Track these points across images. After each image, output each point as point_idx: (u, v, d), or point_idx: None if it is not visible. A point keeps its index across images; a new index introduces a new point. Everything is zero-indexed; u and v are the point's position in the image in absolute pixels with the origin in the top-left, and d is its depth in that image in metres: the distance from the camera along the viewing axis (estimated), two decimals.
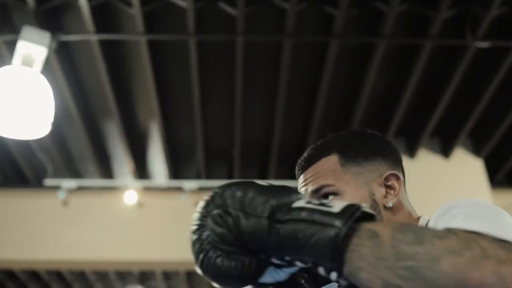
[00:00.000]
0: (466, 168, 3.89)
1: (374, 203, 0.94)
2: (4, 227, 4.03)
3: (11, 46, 2.74)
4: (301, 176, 1.01)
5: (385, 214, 0.94)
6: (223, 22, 2.83)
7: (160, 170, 4.13)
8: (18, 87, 2.47)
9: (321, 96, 3.23)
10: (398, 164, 1.02)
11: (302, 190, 0.98)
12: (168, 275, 5.93)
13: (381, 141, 1.03)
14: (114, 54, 3.05)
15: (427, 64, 3.05)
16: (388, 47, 2.95)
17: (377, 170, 0.97)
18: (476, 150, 3.92)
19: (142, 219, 4.08)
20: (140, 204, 4.10)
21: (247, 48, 2.96)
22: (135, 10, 2.69)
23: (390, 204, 0.94)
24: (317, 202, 0.61)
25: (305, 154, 1.03)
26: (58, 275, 5.75)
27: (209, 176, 4.13)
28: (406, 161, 1.03)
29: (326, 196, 0.94)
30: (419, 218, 0.97)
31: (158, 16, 2.82)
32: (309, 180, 0.98)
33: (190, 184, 4.03)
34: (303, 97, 3.39)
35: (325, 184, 0.95)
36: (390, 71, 3.19)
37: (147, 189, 4.13)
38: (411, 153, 3.82)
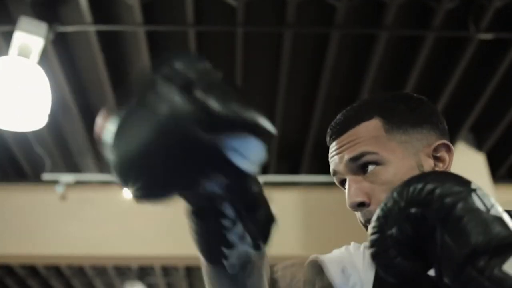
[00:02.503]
0: (468, 163, 3.86)
1: None
2: (2, 221, 3.99)
3: (8, 36, 2.71)
4: (334, 143, 0.90)
5: None
6: (223, 13, 2.80)
7: None
8: (15, 78, 2.44)
9: (322, 88, 3.19)
10: (447, 134, 0.93)
11: (335, 158, 0.88)
12: (167, 271, 5.91)
13: (429, 107, 0.93)
14: (112, 45, 3.01)
15: (429, 56, 3.01)
16: (390, 38, 2.92)
17: (425, 139, 0.87)
18: (478, 144, 3.89)
19: (141, 213, 4.04)
20: None
21: (247, 39, 2.92)
22: (134, 1, 2.66)
23: None
24: None
25: (339, 117, 0.92)
26: (56, 270, 5.73)
27: None
28: None
29: (366, 165, 0.84)
30: None
31: (156, 7, 2.78)
32: (346, 146, 0.86)
33: None
34: (303, 89, 3.35)
35: (367, 151, 0.84)
36: (391, 63, 3.15)
37: None
38: None
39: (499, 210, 0.59)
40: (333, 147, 0.90)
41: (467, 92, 3.38)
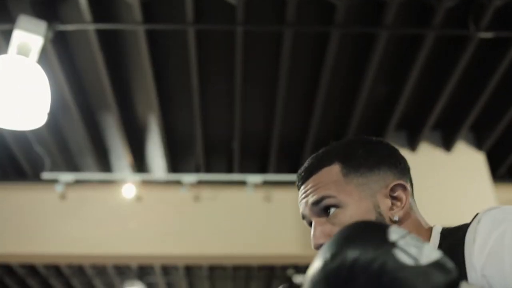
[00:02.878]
0: (468, 162, 3.85)
1: (380, 216, 0.87)
2: (1, 221, 3.99)
3: (7, 35, 2.70)
4: (302, 187, 0.95)
5: None
6: (223, 11, 2.79)
7: (158, 163, 4.09)
8: (14, 76, 2.42)
9: (322, 87, 3.18)
10: (405, 173, 0.95)
11: (302, 202, 0.93)
12: (167, 270, 5.90)
13: (387, 149, 0.96)
14: (112, 44, 3.01)
15: (429, 55, 3.01)
16: (390, 37, 2.91)
17: (382, 180, 0.91)
18: (478, 143, 3.89)
19: (140, 213, 4.05)
20: (138, 198, 4.06)
21: (247, 38, 2.91)
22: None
23: (396, 218, 0.88)
24: None
25: (305, 164, 0.97)
26: (56, 270, 5.72)
27: (209, 169, 4.10)
28: (407, 155, 0.98)
29: (327, 208, 0.89)
30: (431, 228, 0.90)
31: (156, 5, 2.77)
32: (309, 191, 0.92)
33: (189, 178, 3.99)
34: (303, 88, 3.34)
35: (327, 195, 0.89)
36: (391, 62, 3.15)
37: (146, 182, 4.10)
38: (413, 146, 3.79)
39: (429, 251, 0.57)
40: (300, 192, 0.95)
41: (467, 91, 3.37)
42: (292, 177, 4.23)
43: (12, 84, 2.41)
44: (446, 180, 3.74)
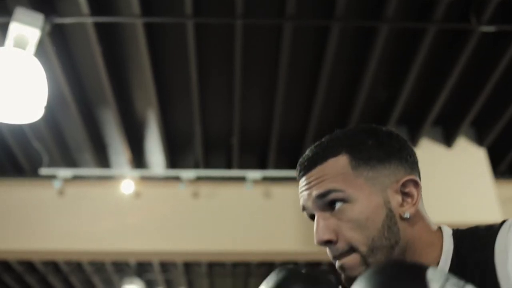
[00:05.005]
0: (469, 158, 3.83)
1: (390, 213, 0.83)
2: None
3: (4, 28, 2.67)
4: (303, 178, 0.89)
5: (401, 225, 0.83)
6: (222, 5, 2.77)
7: (157, 159, 4.07)
8: (10, 69, 2.40)
9: (322, 82, 3.16)
10: (415, 168, 0.90)
11: (304, 193, 0.88)
12: (165, 267, 5.88)
13: (397, 140, 0.90)
14: (110, 37, 2.98)
15: (430, 49, 2.98)
16: (391, 31, 2.89)
17: (393, 174, 0.85)
18: (479, 139, 3.86)
19: (139, 209, 4.02)
20: (137, 194, 4.03)
21: (246, 32, 2.89)
22: None
23: (407, 215, 0.83)
24: None
25: (308, 153, 0.90)
26: (54, 266, 5.70)
27: (208, 165, 4.08)
28: None
29: (333, 202, 0.83)
30: (439, 230, 0.87)
31: None
32: (313, 182, 0.86)
33: (188, 174, 3.97)
34: (303, 83, 3.32)
35: (334, 189, 0.83)
36: (392, 56, 3.12)
37: (144, 178, 4.07)
38: (413, 142, 3.76)
39: None
40: (302, 182, 0.89)
41: (468, 86, 3.35)
42: (292, 173, 4.20)
43: (9, 77, 2.39)
44: (447, 177, 3.72)
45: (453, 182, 3.71)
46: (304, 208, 0.89)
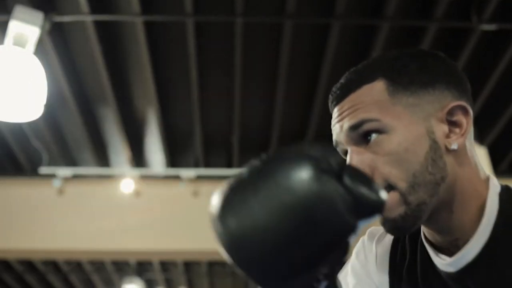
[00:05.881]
0: None
1: (434, 144, 0.72)
2: None
3: (4, 26, 2.66)
4: (336, 109, 0.79)
5: (447, 159, 0.72)
6: (222, 3, 2.76)
7: (157, 158, 4.06)
8: (10, 67, 2.39)
9: (322, 80, 3.15)
10: (466, 95, 0.78)
11: (336, 126, 0.77)
12: (165, 267, 5.88)
13: (444, 63, 0.78)
14: (110, 36, 2.97)
15: (431, 47, 2.97)
16: (391, 29, 2.88)
17: (438, 101, 0.74)
18: (479, 138, 3.85)
19: (139, 208, 4.02)
20: (137, 193, 4.03)
21: (246, 30, 2.88)
22: None
23: (454, 146, 0.72)
24: None
25: (342, 80, 0.80)
26: (54, 266, 5.70)
27: (208, 164, 4.07)
28: None
29: (368, 133, 0.73)
30: (488, 179, 0.76)
31: None
32: (346, 113, 0.76)
33: (188, 173, 3.96)
34: (303, 81, 3.31)
35: (368, 119, 0.73)
36: None
37: (144, 177, 4.07)
38: None
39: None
40: (334, 114, 0.80)
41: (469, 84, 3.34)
42: None
43: (8, 75, 2.38)
44: None
45: None
46: (336, 144, 0.79)
